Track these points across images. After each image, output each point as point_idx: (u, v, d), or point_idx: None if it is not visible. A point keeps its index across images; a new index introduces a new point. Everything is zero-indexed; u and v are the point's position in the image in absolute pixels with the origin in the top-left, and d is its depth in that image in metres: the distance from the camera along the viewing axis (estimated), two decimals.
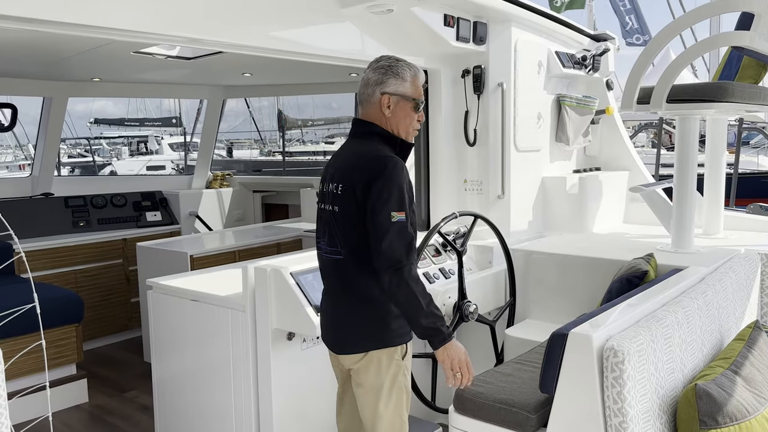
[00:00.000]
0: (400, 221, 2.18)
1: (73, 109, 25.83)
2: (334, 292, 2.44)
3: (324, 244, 2.44)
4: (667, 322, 2.31)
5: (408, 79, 2.38)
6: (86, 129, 25.71)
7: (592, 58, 4.42)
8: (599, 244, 3.87)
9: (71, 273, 5.45)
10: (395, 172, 2.22)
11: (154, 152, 25.30)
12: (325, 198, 2.41)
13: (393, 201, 2.19)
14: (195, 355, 3.40)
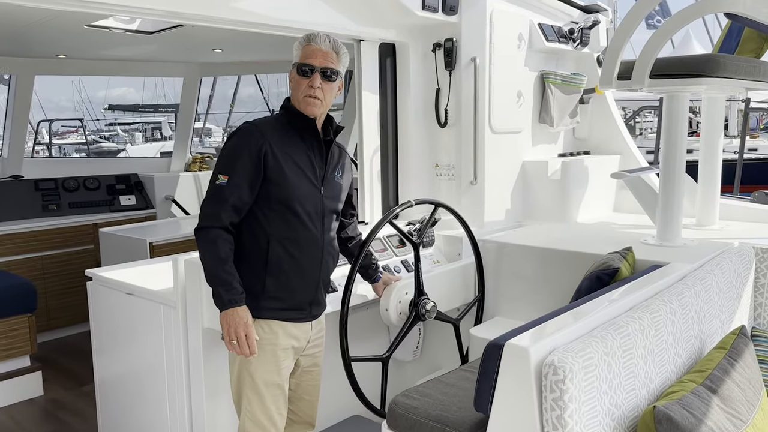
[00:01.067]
0: (219, 184, 2.27)
1: (94, 96, 25.89)
2: None
3: None
4: (628, 331, 1.98)
5: (297, 48, 2.37)
6: (104, 115, 25.82)
7: (580, 32, 4.05)
8: (579, 235, 3.53)
9: (38, 259, 5.23)
10: (234, 137, 2.33)
11: (167, 138, 25.29)
12: None
13: (220, 163, 2.30)
14: (131, 353, 3.14)
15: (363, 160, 3.60)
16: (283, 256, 2.34)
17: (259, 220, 2.33)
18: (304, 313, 2.46)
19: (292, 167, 2.33)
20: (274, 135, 2.32)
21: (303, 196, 2.35)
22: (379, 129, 3.66)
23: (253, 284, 2.34)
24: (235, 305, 2.25)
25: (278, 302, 2.37)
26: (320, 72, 2.31)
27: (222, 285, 2.25)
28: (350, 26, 3.35)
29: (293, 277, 2.38)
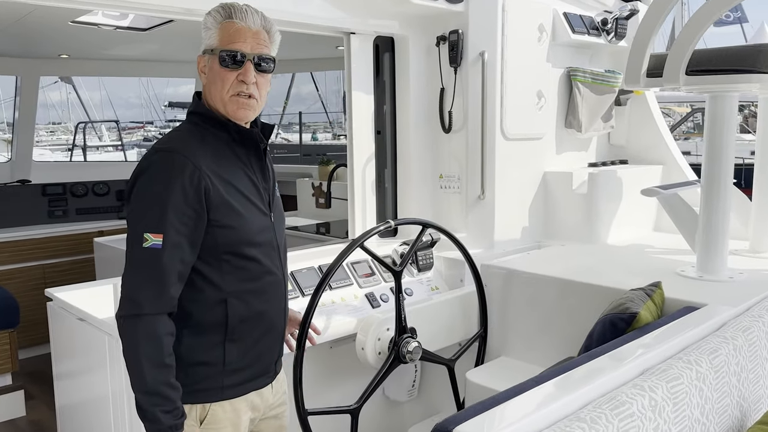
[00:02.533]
0: (152, 248, 1.56)
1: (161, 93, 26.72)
2: None
3: None
4: (632, 410, 1.48)
5: (212, 26, 1.71)
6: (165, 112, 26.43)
7: (614, 22, 3.50)
8: (605, 261, 2.99)
9: (39, 267, 5.01)
10: (156, 172, 1.61)
11: None
12: None
13: (144, 216, 1.58)
14: (83, 383, 2.81)
15: (354, 169, 3.16)
16: (246, 315, 1.75)
17: (205, 276, 1.70)
18: (269, 375, 1.87)
19: (240, 199, 1.72)
20: (205, 159, 1.66)
21: (256, 233, 1.75)
22: (374, 134, 3.21)
23: (209, 359, 1.73)
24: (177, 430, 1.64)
25: (242, 374, 1.78)
26: (253, 61, 1.70)
27: (163, 404, 1.61)
28: (339, 17, 2.93)
29: (260, 337, 1.80)
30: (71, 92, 21.39)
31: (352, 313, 2.71)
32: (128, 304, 1.61)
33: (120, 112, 25.28)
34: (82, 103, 19.33)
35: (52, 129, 24.74)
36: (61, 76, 4.77)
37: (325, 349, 2.76)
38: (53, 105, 25.61)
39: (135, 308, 1.59)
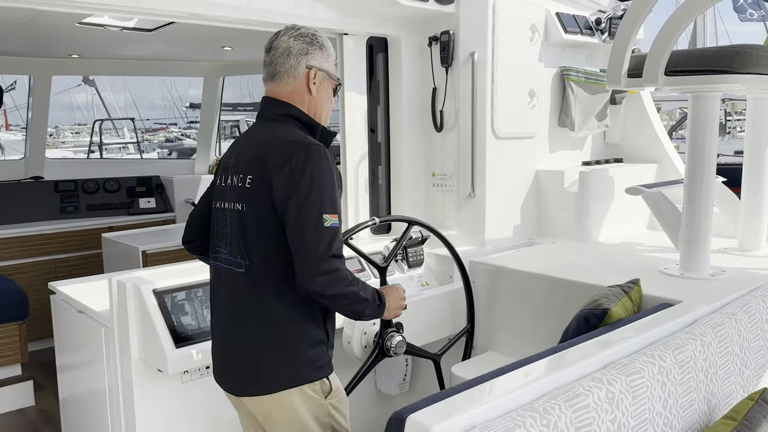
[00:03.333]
0: (333, 226, 1.75)
1: (185, 94, 27.08)
2: (231, 315, 1.89)
3: (224, 253, 1.90)
4: (587, 401, 1.53)
5: (332, 54, 1.97)
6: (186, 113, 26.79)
7: (608, 22, 3.52)
8: (593, 259, 3.03)
9: (50, 262, 5.15)
10: (324, 163, 1.77)
11: None
12: (224, 194, 1.91)
13: (325, 201, 1.75)
14: (83, 374, 2.92)
15: (347, 167, 3.23)
16: None
17: None
18: None
19: None
20: None
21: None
22: (368, 133, 3.28)
23: (321, 337, 1.89)
24: (381, 296, 1.92)
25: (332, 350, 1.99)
26: None
27: (372, 301, 1.87)
28: (332, 18, 3.00)
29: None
30: (96, 94, 21.78)
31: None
32: (343, 273, 1.76)
33: (144, 114, 25.69)
34: (104, 104, 19.66)
35: (78, 130, 25.15)
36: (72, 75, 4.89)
37: None
38: (78, 107, 26.02)
39: (344, 274, 1.77)
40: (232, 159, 1.94)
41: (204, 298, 2.48)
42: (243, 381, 1.89)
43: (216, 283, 1.96)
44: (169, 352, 2.27)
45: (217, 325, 1.95)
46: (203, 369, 2.56)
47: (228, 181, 1.91)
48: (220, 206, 1.93)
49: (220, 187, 1.95)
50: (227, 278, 1.89)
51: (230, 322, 1.89)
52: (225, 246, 1.90)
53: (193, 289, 2.48)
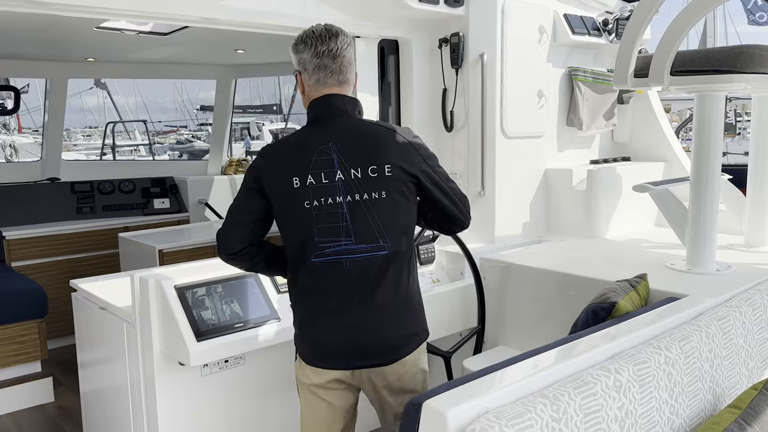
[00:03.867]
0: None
1: (195, 97, 27.29)
2: (366, 296, 1.99)
3: (350, 244, 1.97)
4: (595, 389, 1.60)
5: None
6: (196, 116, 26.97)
7: (615, 22, 3.58)
8: (601, 255, 3.09)
9: (68, 262, 5.25)
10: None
11: (255, 138, 26.02)
12: (332, 190, 1.96)
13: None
14: (105, 370, 3.00)
15: None
16: None
17: None
18: None
19: None
20: None
21: None
22: None
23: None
24: None
25: None
26: None
27: None
28: (344, 22, 3.06)
29: None
30: (107, 97, 21.98)
31: None
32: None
33: (155, 116, 25.87)
34: (116, 107, 19.85)
35: (89, 133, 25.35)
36: (87, 78, 5.01)
37: None
38: (89, 110, 26.22)
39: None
40: (336, 155, 1.97)
41: (223, 294, 2.56)
42: (386, 351, 2.02)
43: (329, 275, 1.99)
44: (191, 345, 2.35)
45: (343, 313, 2.00)
46: (222, 363, 2.64)
47: (338, 177, 1.96)
48: (327, 202, 1.96)
49: (321, 184, 1.96)
50: (353, 265, 1.98)
51: (364, 304, 1.99)
52: (346, 236, 1.97)
53: (212, 285, 2.56)
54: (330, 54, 1.99)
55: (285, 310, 2.66)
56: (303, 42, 2.02)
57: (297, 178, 1.95)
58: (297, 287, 2.06)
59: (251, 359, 2.71)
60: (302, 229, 1.97)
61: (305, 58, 2.01)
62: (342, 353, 2.01)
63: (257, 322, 2.56)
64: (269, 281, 2.72)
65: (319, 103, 2.02)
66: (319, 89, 2.01)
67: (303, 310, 2.06)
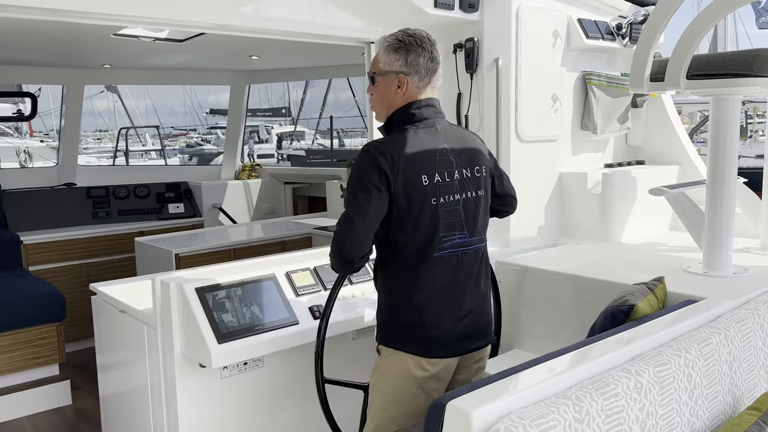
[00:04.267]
0: None
1: (204, 101, 27.47)
2: (472, 286, 2.19)
3: (463, 237, 2.14)
4: (617, 390, 1.61)
5: None
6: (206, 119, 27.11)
7: (629, 27, 3.60)
8: (616, 258, 3.10)
9: (83, 266, 5.31)
10: None
11: (263, 141, 26.13)
12: (452, 187, 2.11)
13: None
14: (124, 372, 3.04)
15: None
16: None
17: None
18: None
19: None
20: None
21: None
22: None
23: None
24: None
25: None
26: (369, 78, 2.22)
27: None
28: (359, 28, 3.11)
29: None
30: (117, 101, 22.15)
31: (372, 306, 2.87)
32: None
33: (164, 120, 26.04)
34: (127, 111, 20.01)
35: (99, 137, 25.55)
36: (104, 84, 5.10)
37: (347, 339, 2.93)
38: (100, 113, 26.42)
39: None
40: (449, 156, 2.11)
41: (242, 296, 2.59)
42: (488, 333, 2.28)
43: (448, 268, 2.11)
44: (212, 347, 2.38)
45: (462, 303, 2.15)
46: (241, 365, 2.67)
47: (456, 176, 2.12)
48: (449, 199, 2.10)
49: (444, 182, 2.08)
50: (466, 257, 2.15)
51: (475, 292, 2.19)
52: (461, 230, 2.13)
53: (232, 287, 2.59)
54: (437, 60, 2.15)
55: (303, 313, 2.70)
56: (419, 45, 2.12)
57: (425, 176, 2.04)
58: (415, 283, 2.10)
59: (269, 361, 2.74)
60: (428, 226, 2.06)
61: (419, 62, 2.10)
62: (461, 340, 2.15)
63: (276, 325, 2.59)
64: (288, 284, 2.75)
65: (424, 104, 2.13)
66: (423, 91, 2.13)
67: (423, 304, 2.10)
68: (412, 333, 2.10)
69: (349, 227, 2.02)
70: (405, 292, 2.10)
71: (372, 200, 2.01)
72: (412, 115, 2.11)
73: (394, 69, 2.11)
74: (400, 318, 2.12)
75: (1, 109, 5.92)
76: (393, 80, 2.12)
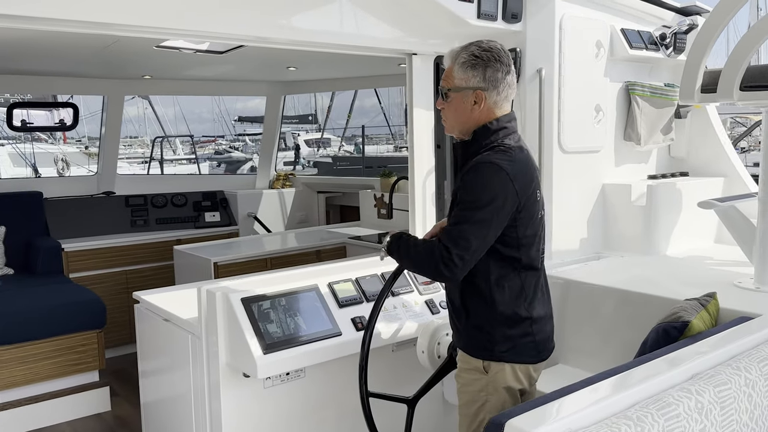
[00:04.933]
0: None
1: (232, 108, 27.84)
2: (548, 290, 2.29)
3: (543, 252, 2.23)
4: (678, 411, 1.57)
5: None
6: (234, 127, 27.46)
7: (673, 37, 3.54)
8: (663, 273, 3.04)
9: (122, 273, 5.37)
10: None
11: (289, 148, 26.36)
12: (541, 204, 2.19)
13: None
14: (166, 380, 3.06)
15: (414, 182, 3.32)
16: None
17: None
18: None
19: None
20: None
21: None
22: (435, 148, 3.37)
23: None
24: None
25: None
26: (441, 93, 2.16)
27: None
28: (401, 39, 3.11)
29: None
30: (147, 107, 22.53)
31: (413, 318, 2.86)
32: None
33: (192, 127, 26.44)
34: (158, 118, 20.34)
35: (129, 143, 26.01)
36: (143, 95, 5.22)
37: (387, 351, 2.91)
38: (130, 120, 26.90)
39: None
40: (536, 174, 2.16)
41: (286, 307, 2.60)
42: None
43: (540, 277, 2.20)
44: (258, 358, 2.38)
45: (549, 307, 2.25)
46: (283, 375, 2.67)
47: (540, 194, 2.17)
48: (540, 216, 2.16)
49: (536, 200, 2.12)
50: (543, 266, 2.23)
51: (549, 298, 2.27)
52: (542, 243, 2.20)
53: (276, 298, 2.59)
54: (514, 72, 2.13)
55: (346, 324, 2.70)
56: (496, 60, 2.08)
57: (538, 192, 2.12)
58: (528, 294, 2.13)
59: (311, 372, 2.74)
60: (538, 240, 2.14)
61: (497, 77, 2.07)
62: (549, 341, 2.23)
63: (320, 336, 2.59)
64: (330, 295, 2.75)
65: (507, 119, 2.12)
66: (501, 105, 2.11)
67: (534, 314, 2.14)
68: (523, 342, 2.12)
69: (465, 247, 1.94)
70: (519, 304, 2.11)
71: (494, 219, 1.96)
72: (505, 129, 2.10)
73: (471, 85, 2.07)
74: (512, 330, 2.10)
75: (44, 118, 6.06)
76: (469, 96, 2.08)
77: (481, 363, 2.14)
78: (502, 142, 2.06)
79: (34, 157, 14.86)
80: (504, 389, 2.13)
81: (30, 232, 5.28)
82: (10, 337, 3.97)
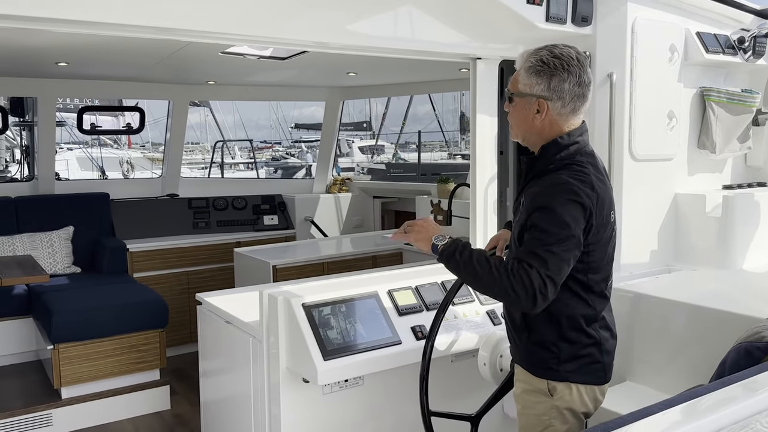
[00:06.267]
0: None
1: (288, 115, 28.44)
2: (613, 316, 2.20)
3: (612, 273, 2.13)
4: None
5: None
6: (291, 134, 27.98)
7: (752, 40, 3.37)
8: (740, 288, 2.88)
9: (184, 274, 5.48)
10: None
11: (345, 155, 26.63)
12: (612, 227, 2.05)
13: None
14: (227, 380, 3.09)
15: (476, 189, 3.25)
16: None
17: None
18: None
19: None
20: None
21: None
22: (497, 155, 3.29)
23: None
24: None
25: None
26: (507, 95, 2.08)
27: None
28: (466, 44, 3.05)
29: None
30: (208, 114, 23.15)
31: (473, 329, 2.79)
32: None
33: (251, 133, 27.06)
34: (218, 124, 20.83)
35: (191, 148, 26.75)
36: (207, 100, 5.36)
37: (446, 362, 2.86)
38: (192, 126, 27.69)
39: None
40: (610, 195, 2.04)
41: (347, 314, 2.57)
42: None
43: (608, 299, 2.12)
44: (318, 364, 2.36)
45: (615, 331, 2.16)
46: (342, 382, 2.64)
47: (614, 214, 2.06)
48: (612, 236, 2.05)
49: (610, 221, 2.01)
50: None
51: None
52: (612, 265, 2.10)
53: (337, 304, 2.57)
54: (586, 83, 1.96)
55: (405, 333, 2.66)
56: (564, 69, 1.94)
57: (612, 213, 2.01)
58: (599, 316, 2.05)
59: (369, 380, 2.70)
60: (607, 258, 2.03)
61: (563, 87, 1.93)
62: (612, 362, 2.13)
63: (379, 344, 2.55)
64: (390, 302, 2.72)
65: (579, 132, 1.99)
66: (568, 118, 1.97)
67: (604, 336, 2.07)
68: (590, 363, 2.03)
69: (554, 272, 1.82)
70: (588, 326, 2.02)
71: (575, 232, 1.85)
72: (577, 144, 1.97)
73: (534, 93, 1.96)
74: (581, 350, 2.01)
75: (112, 122, 6.25)
76: (532, 104, 1.97)
77: (546, 384, 2.04)
78: (575, 159, 1.94)
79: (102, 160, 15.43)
80: (569, 412, 2.03)
81: (97, 232, 5.46)
82: (78, 334, 4.09)
